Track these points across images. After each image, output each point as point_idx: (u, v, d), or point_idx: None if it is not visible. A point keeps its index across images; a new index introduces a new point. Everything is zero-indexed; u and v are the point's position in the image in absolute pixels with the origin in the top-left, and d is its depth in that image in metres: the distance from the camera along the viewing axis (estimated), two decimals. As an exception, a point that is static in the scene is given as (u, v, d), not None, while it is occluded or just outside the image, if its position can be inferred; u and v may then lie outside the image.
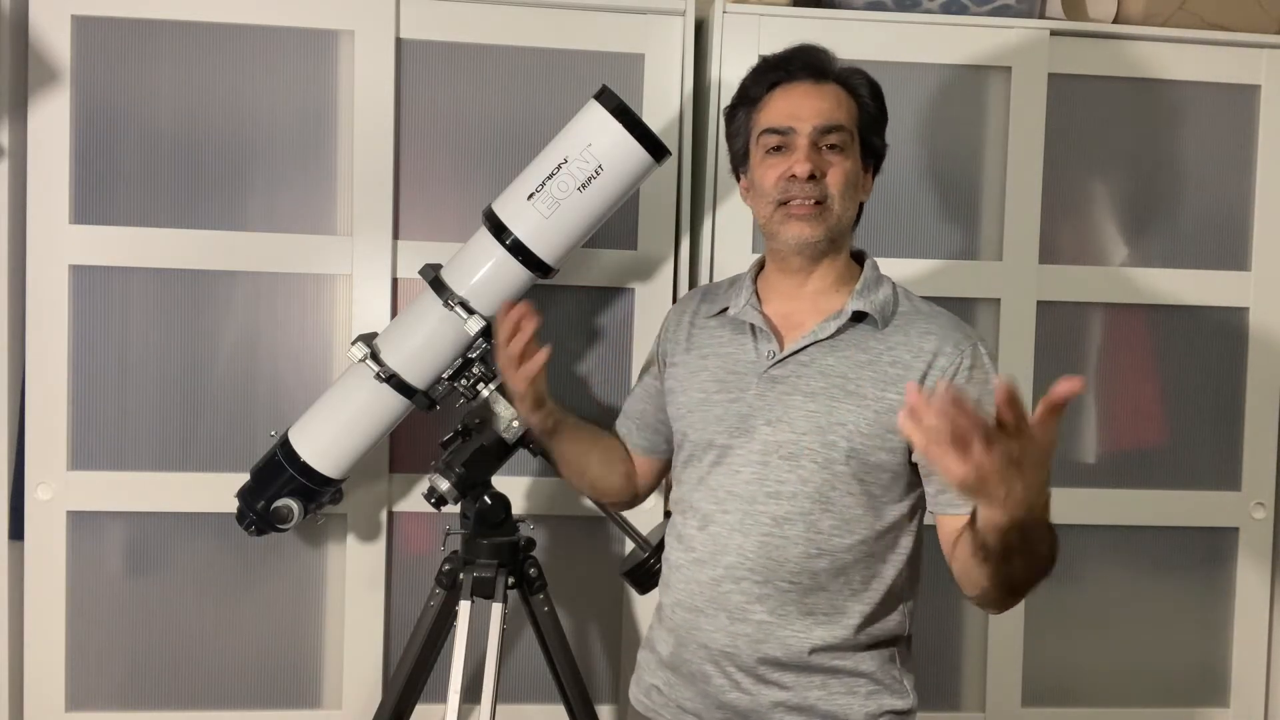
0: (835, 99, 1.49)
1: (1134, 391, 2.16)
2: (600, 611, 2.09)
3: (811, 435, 1.42)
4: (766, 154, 1.49)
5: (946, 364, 1.44)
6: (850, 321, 1.47)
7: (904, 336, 1.46)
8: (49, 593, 1.96)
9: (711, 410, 1.50)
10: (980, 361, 1.45)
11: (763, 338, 1.50)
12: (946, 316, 1.51)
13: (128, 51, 1.95)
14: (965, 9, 2.06)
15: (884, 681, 1.46)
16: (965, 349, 1.45)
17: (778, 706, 1.45)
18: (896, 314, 1.49)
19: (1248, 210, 2.14)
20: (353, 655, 2.02)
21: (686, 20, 2.00)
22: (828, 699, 1.44)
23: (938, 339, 1.45)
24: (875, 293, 1.49)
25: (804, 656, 1.43)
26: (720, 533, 1.46)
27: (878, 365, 1.44)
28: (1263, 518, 2.15)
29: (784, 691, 1.44)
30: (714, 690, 1.47)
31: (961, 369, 1.44)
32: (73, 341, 1.95)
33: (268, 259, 1.98)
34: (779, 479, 1.43)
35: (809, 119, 1.46)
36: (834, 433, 1.42)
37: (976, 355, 1.45)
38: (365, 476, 1.98)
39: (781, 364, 1.47)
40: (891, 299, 1.51)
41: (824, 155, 1.47)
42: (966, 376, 1.44)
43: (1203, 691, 2.20)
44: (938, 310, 1.52)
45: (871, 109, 1.53)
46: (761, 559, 1.43)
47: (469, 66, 2.00)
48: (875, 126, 1.54)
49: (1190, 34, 2.08)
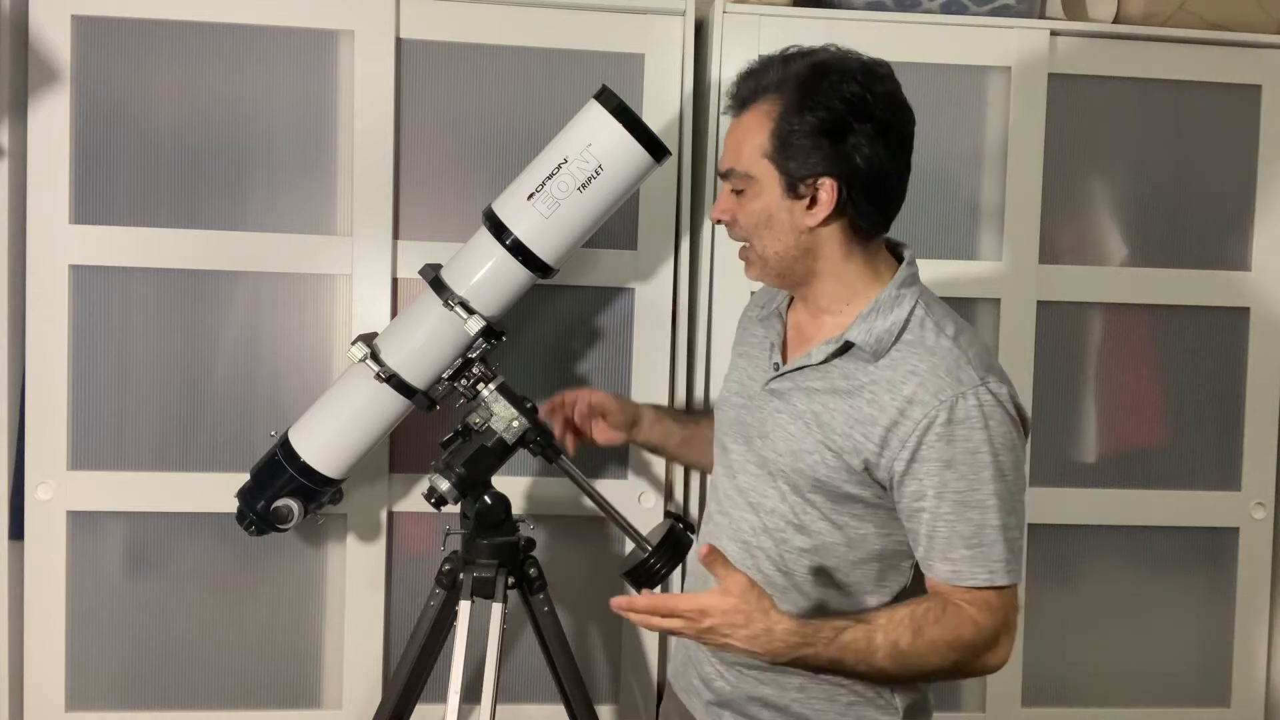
0: (742, 133, 1.37)
1: (1134, 391, 2.16)
2: (600, 611, 2.09)
3: (786, 459, 1.40)
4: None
5: (919, 416, 1.29)
6: (841, 352, 1.38)
7: (891, 373, 1.33)
8: (49, 593, 1.96)
9: (729, 411, 1.53)
10: (964, 416, 1.29)
11: (774, 350, 1.49)
12: (949, 355, 1.32)
13: (128, 51, 1.95)
14: (965, 9, 2.06)
15: (867, 695, 1.41)
16: (945, 400, 1.29)
17: (754, 700, 1.46)
18: (900, 342, 1.35)
19: (1248, 210, 2.14)
20: (353, 655, 2.02)
21: (686, 20, 2.00)
22: (804, 702, 1.43)
23: (919, 384, 1.31)
24: (882, 319, 1.36)
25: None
26: (714, 532, 1.52)
27: (856, 400, 1.35)
28: (1263, 518, 2.15)
29: (761, 687, 1.45)
30: (706, 676, 1.51)
31: (936, 424, 1.29)
32: (73, 341, 1.95)
33: (268, 259, 1.97)
34: (761, 493, 1.44)
35: (722, 162, 1.42)
36: (802, 460, 1.38)
37: (959, 409, 1.29)
38: (365, 476, 1.98)
39: (779, 379, 1.45)
40: (899, 326, 1.35)
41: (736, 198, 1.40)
42: (940, 434, 1.29)
43: (1203, 691, 2.20)
44: (945, 345, 1.34)
45: (792, 124, 1.32)
46: (741, 560, 1.44)
47: (469, 66, 2.00)
48: (793, 145, 1.33)
49: (1190, 34, 2.08)
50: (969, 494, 1.30)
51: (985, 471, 1.30)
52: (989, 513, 1.30)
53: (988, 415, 1.30)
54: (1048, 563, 2.13)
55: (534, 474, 2.03)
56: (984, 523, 1.31)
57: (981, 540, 1.31)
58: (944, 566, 1.33)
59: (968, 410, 1.29)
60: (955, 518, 1.30)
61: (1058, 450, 2.13)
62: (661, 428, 1.78)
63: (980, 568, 1.31)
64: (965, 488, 1.30)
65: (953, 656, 1.31)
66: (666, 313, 2.05)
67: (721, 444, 1.54)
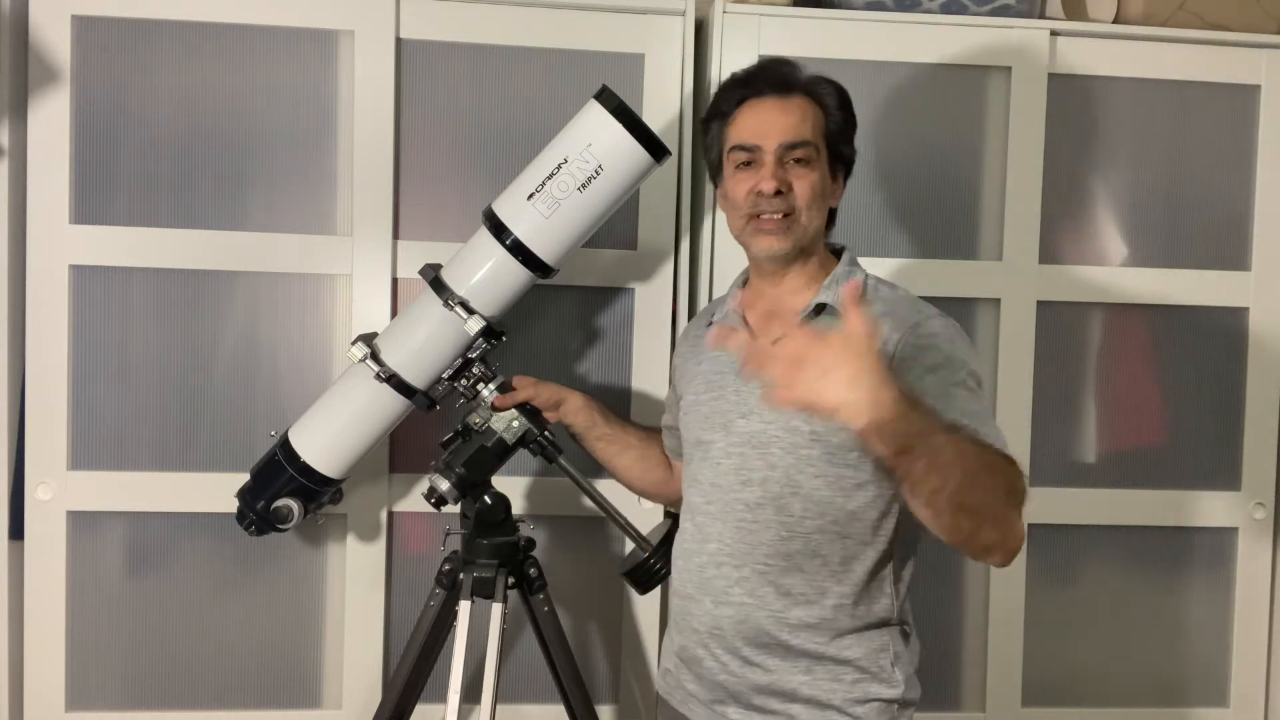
0: (800, 113, 1.52)
1: (1134, 391, 2.16)
2: (600, 611, 2.09)
3: (777, 424, 1.47)
4: (737, 169, 1.55)
5: (896, 339, 1.44)
6: (816, 314, 1.52)
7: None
8: (49, 593, 1.96)
9: (700, 410, 1.58)
10: (929, 333, 1.44)
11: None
12: (906, 299, 1.53)
13: (128, 51, 1.95)
14: (965, 9, 2.06)
15: (871, 670, 1.47)
16: (913, 322, 1.45)
17: (761, 690, 1.48)
18: (862, 301, 1.46)
19: (1248, 210, 2.14)
20: (353, 655, 2.02)
21: (686, 20, 2.00)
22: (811, 684, 1.47)
23: (888, 319, 1.46)
24: (842, 285, 1.52)
25: (784, 638, 1.46)
26: (704, 522, 1.54)
27: None
28: (1263, 518, 2.15)
29: (767, 675, 1.48)
30: (706, 672, 1.52)
31: (905, 344, 1.43)
32: (73, 341, 1.95)
33: (268, 259, 1.97)
34: (751, 467, 1.49)
35: (775, 136, 1.51)
36: (795, 418, 1.45)
37: (926, 327, 1.45)
38: (365, 476, 1.98)
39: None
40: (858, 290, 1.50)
41: (789, 170, 1.51)
42: (913, 345, 1.43)
43: (1203, 691, 2.20)
44: (901, 294, 1.54)
45: (838, 119, 1.56)
46: (738, 543, 1.49)
47: (469, 66, 2.00)
48: (843, 135, 1.57)
49: (1190, 34, 2.08)
50: (952, 386, 1.40)
51: (961, 371, 1.42)
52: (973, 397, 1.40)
53: (953, 331, 1.48)
54: (1048, 563, 2.14)
55: (534, 474, 2.03)
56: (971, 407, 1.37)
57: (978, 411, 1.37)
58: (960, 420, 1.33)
59: (933, 327, 1.47)
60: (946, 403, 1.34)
61: (1058, 450, 2.13)
62: (585, 416, 1.80)
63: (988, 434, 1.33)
64: (948, 380, 1.41)
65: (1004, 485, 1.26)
66: (666, 313, 2.05)
67: (697, 440, 1.58)
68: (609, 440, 1.82)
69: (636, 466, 1.83)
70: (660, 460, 1.84)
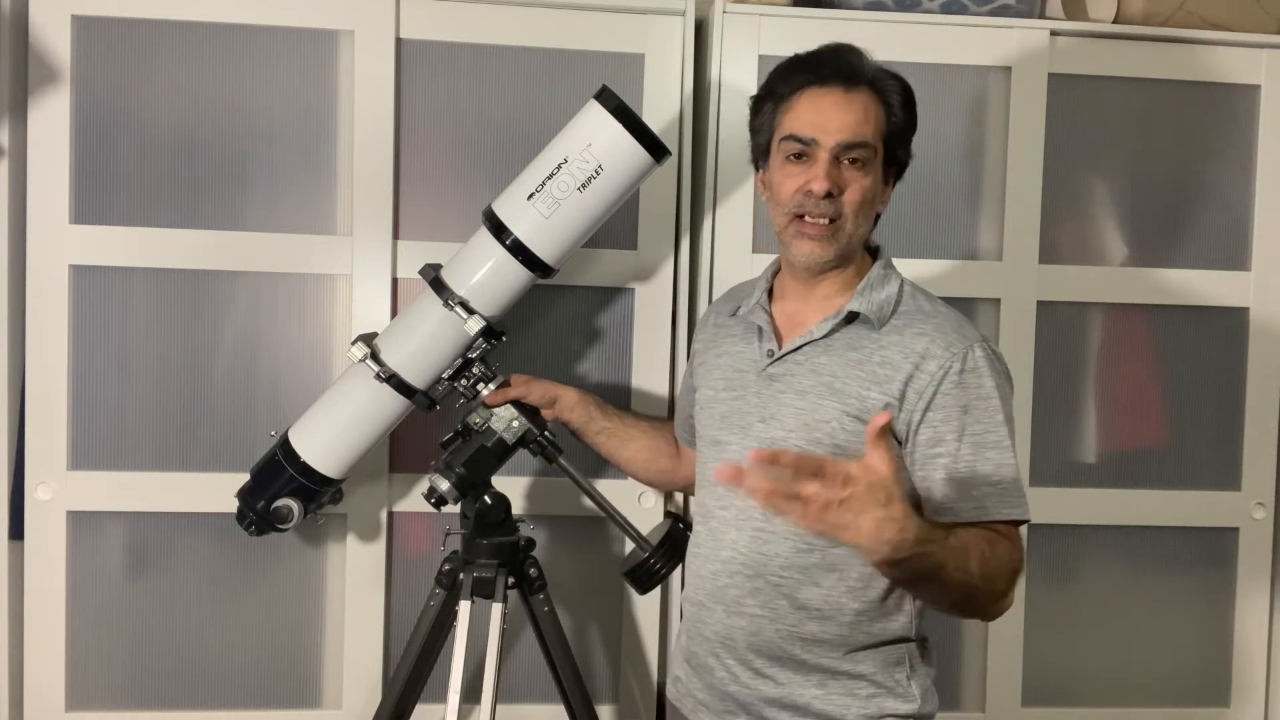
0: (863, 110, 1.43)
1: (1134, 391, 2.15)
2: (600, 611, 2.09)
3: (798, 433, 1.44)
4: (786, 160, 1.46)
5: (935, 368, 1.40)
6: (848, 321, 1.47)
7: (898, 336, 1.44)
8: (49, 593, 1.96)
9: (717, 408, 1.54)
10: (974, 366, 1.41)
11: (766, 337, 1.52)
12: (949, 317, 1.47)
13: (128, 51, 1.95)
14: (965, 9, 2.06)
15: (886, 684, 1.45)
16: (957, 352, 1.41)
17: (772, 703, 1.46)
18: (898, 313, 1.46)
19: (1248, 210, 2.14)
20: (353, 655, 2.02)
21: (686, 20, 2.00)
22: (824, 698, 1.44)
23: (929, 340, 1.42)
24: (878, 292, 1.48)
25: (797, 652, 1.44)
26: (719, 528, 1.51)
27: (867, 365, 1.43)
28: (1263, 518, 2.15)
29: (778, 687, 1.45)
30: (717, 682, 1.50)
31: (950, 373, 1.40)
32: (73, 341, 1.95)
33: (267, 259, 1.97)
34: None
35: (834, 133, 1.42)
36: (819, 430, 1.43)
37: (969, 360, 1.41)
38: (365, 476, 1.98)
39: (778, 363, 1.48)
40: (894, 298, 1.48)
41: (844, 171, 1.43)
42: (956, 381, 1.40)
43: (1203, 691, 2.20)
44: (942, 310, 1.48)
45: (900, 119, 1.47)
46: (753, 553, 1.46)
47: (469, 66, 2.00)
48: (902, 137, 1.48)
49: (1190, 34, 2.08)
50: (986, 435, 1.40)
51: (997, 415, 1.40)
52: (1005, 453, 1.40)
53: (993, 365, 1.43)
54: (1048, 563, 2.14)
55: (534, 474, 2.03)
56: (1002, 461, 1.39)
57: (1002, 478, 1.38)
58: (968, 505, 1.38)
59: (976, 360, 1.41)
60: (975, 458, 1.38)
61: (1058, 450, 2.13)
62: (581, 411, 1.79)
63: (1004, 503, 1.38)
64: (982, 430, 1.40)
65: (1003, 579, 1.36)
66: (666, 313, 2.05)
67: (713, 440, 1.54)
68: (609, 434, 1.81)
69: (640, 457, 1.82)
70: (664, 449, 1.82)
